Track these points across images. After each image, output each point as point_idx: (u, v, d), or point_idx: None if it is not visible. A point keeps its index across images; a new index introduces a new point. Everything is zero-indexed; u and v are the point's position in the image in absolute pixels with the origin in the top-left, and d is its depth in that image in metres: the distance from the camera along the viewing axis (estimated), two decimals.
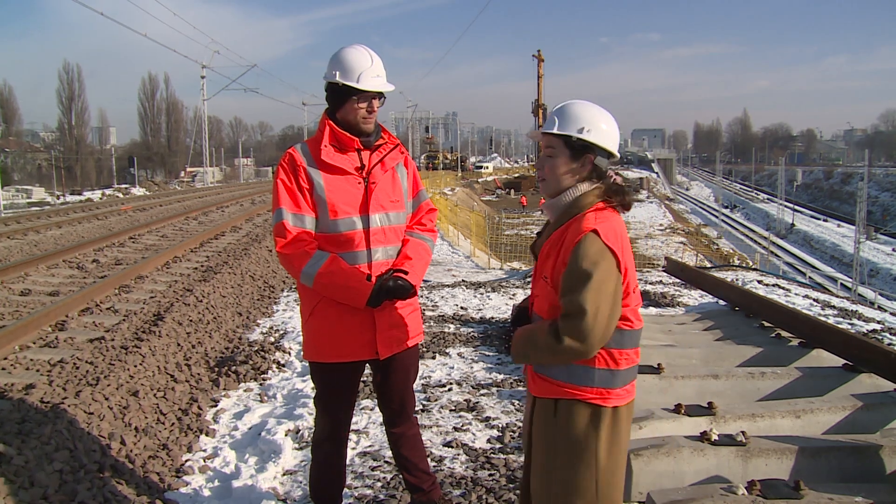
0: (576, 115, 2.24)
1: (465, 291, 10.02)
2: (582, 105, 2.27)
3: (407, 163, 3.13)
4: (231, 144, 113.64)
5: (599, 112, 2.28)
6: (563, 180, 2.25)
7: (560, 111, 2.27)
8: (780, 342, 5.89)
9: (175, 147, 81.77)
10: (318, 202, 2.87)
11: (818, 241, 53.41)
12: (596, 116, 2.26)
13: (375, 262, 2.92)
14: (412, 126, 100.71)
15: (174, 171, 75.63)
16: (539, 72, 78.54)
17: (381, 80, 2.87)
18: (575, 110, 2.25)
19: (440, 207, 27.06)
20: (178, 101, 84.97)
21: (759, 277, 11.41)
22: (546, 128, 2.26)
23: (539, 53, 78.26)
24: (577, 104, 2.27)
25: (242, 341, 6.97)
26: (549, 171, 2.27)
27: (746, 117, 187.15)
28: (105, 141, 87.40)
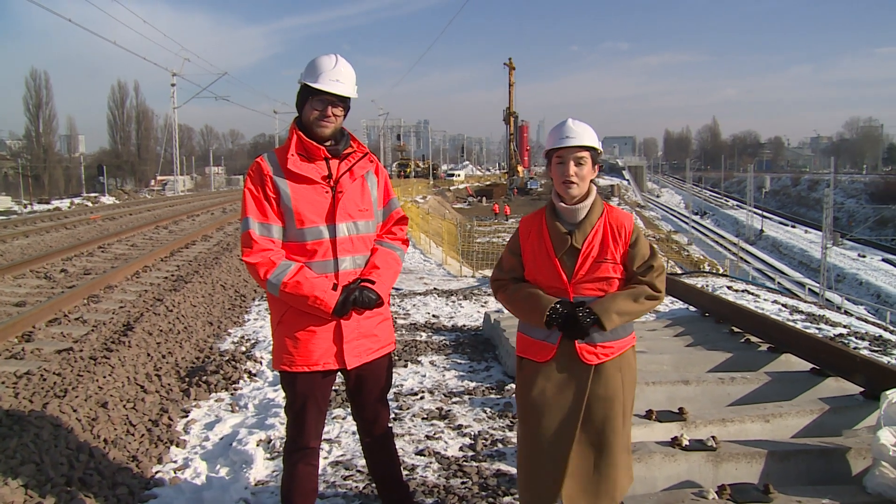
0: (591, 131, 2.80)
1: (437, 299, 10.01)
2: (583, 122, 2.81)
3: (378, 171, 3.11)
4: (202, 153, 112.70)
5: None
6: (589, 184, 2.81)
7: (581, 127, 2.78)
8: (749, 347, 5.95)
9: (145, 155, 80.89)
10: (284, 211, 2.86)
11: (786, 247, 54.19)
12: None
13: (343, 272, 2.91)
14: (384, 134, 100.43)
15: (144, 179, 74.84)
16: (510, 80, 79.04)
17: (340, 84, 2.85)
18: (588, 126, 2.80)
19: (412, 216, 27.02)
20: (149, 109, 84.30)
21: (729, 283, 11.53)
22: (578, 141, 2.75)
23: (510, 62, 78.78)
24: (581, 122, 2.81)
25: (213, 351, 6.88)
26: (582, 179, 2.78)
27: (716, 125, 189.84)
28: (74, 149, 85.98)
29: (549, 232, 2.83)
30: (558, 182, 2.81)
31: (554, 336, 2.78)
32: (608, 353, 2.79)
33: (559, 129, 2.80)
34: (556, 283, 2.79)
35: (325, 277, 2.86)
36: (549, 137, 2.86)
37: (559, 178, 2.80)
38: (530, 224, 2.93)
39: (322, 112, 2.87)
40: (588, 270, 2.78)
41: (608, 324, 2.70)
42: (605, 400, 2.76)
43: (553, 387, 2.79)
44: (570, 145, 2.75)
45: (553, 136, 2.82)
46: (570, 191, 2.78)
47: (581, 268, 2.78)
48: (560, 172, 2.79)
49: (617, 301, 2.74)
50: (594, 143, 2.79)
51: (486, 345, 7.02)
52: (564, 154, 2.77)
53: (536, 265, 2.84)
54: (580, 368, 2.77)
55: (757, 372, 5.12)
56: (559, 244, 2.80)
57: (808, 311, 9.14)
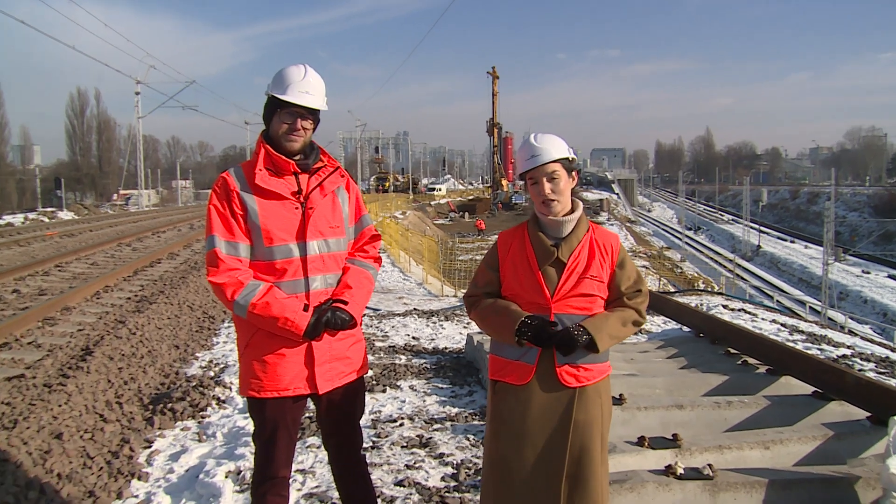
0: (558, 141, 2.83)
1: (417, 320, 9.99)
2: (547, 134, 2.86)
3: (349, 186, 3.12)
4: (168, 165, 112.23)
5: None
6: (569, 197, 2.84)
7: (545, 141, 2.81)
8: (746, 370, 5.96)
9: (107, 168, 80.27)
10: (252, 228, 2.85)
11: (785, 264, 54.41)
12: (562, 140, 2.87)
13: (314, 292, 2.90)
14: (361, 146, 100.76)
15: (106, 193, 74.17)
16: (494, 89, 79.54)
17: (310, 96, 2.86)
18: (553, 137, 2.84)
19: (391, 232, 27.04)
20: (111, 118, 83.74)
21: (725, 302, 11.60)
22: (545, 157, 2.78)
23: (494, 70, 79.33)
24: (545, 134, 2.85)
25: (179, 376, 6.81)
26: (560, 193, 2.80)
27: (709, 136, 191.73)
28: (28, 160, 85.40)
29: (532, 244, 2.84)
30: (537, 202, 2.83)
31: (531, 355, 2.75)
32: (590, 376, 2.78)
33: (525, 149, 2.84)
34: (537, 297, 2.78)
35: (296, 298, 2.85)
36: (518, 159, 2.90)
37: (538, 199, 2.82)
38: (511, 237, 2.93)
39: (291, 125, 2.87)
40: (573, 286, 2.78)
41: (601, 344, 2.70)
42: (584, 427, 2.74)
43: (534, 413, 2.76)
44: (538, 164, 2.78)
45: (520, 158, 2.86)
46: (551, 209, 2.81)
47: (566, 282, 2.78)
48: (536, 193, 2.82)
49: (609, 322, 2.76)
50: (562, 153, 2.81)
51: (468, 368, 7.00)
52: (536, 174, 2.80)
53: (517, 279, 2.83)
54: (562, 392, 2.75)
55: (755, 395, 5.13)
56: (543, 256, 2.80)
57: (809, 330, 9.20)
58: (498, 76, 79.30)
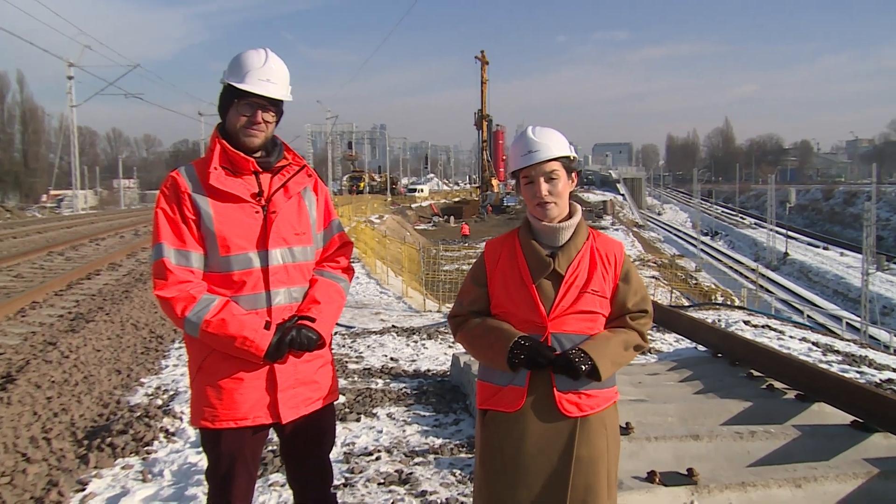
0: (558, 137, 2.84)
1: (395, 339, 9.99)
2: (546, 128, 2.87)
3: (316, 188, 3.13)
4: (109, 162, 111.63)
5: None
6: (567, 200, 2.86)
7: (545, 136, 2.82)
8: (772, 395, 5.96)
9: (34, 164, 79.64)
10: (206, 235, 2.85)
11: (818, 273, 54.40)
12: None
13: (276, 307, 2.90)
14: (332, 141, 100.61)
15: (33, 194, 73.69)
16: (483, 77, 79.78)
17: (271, 85, 2.87)
18: (553, 132, 2.85)
19: (366, 239, 27.02)
20: (38, 106, 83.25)
21: (747, 317, 11.62)
22: (544, 154, 2.79)
23: (483, 55, 79.57)
24: (544, 128, 2.86)
25: (121, 405, 6.77)
26: (558, 196, 2.81)
27: (728, 128, 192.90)
28: None
29: (524, 254, 2.83)
30: (532, 204, 2.83)
31: (521, 377, 2.75)
32: (593, 404, 2.77)
33: (520, 144, 2.84)
34: (531, 315, 2.77)
35: (256, 314, 2.85)
36: (511, 155, 2.90)
37: (532, 201, 2.82)
38: (500, 247, 2.93)
39: (250, 118, 2.88)
40: (572, 302, 2.78)
41: (604, 372, 2.69)
42: (588, 463, 2.73)
43: (529, 447, 2.74)
44: (535, 162, 2.79)
45: (515, 154, 2.86)
46: (547, 213, 2.81)
47: (563, 298, 2.77)
48: (531, 194, 2.82)
49: (611, 346, 2.76)
50: (564, 151, 2.82)
51: (454, 393, 7.01)
52: (532, 172, 2.80)
53: (508, 294, 2.82)
54: (561, 423, 2.74)
55: (783, 425, 5.08)
56: (538, 268, 2.80)
57: (846, 350, 9.17)
58: (487, 62, 79.55)
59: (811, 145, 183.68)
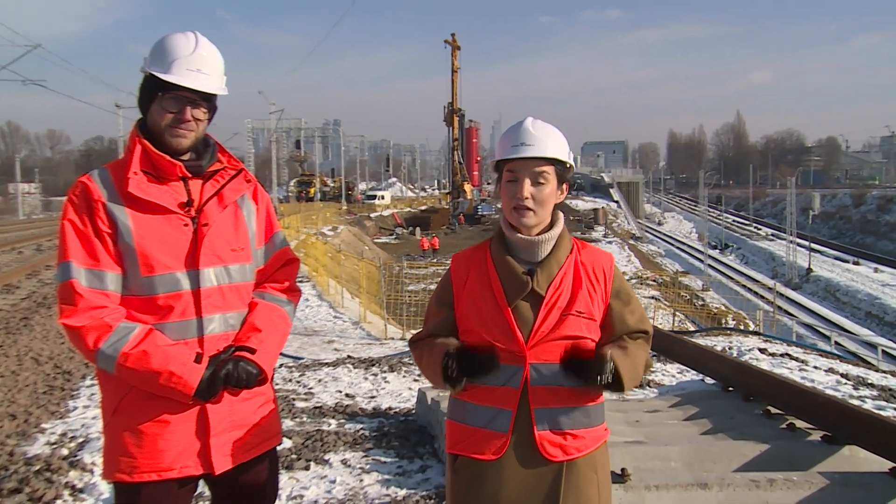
0: (559, 137, 2.85)
1: (351, 372, 9.99)
2: (548, 124, 2.87)
3: (256, 195, 3.13)
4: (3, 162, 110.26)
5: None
6: (549, 211, 2.86)
7: (544, 131, 2.83)
8: (794, 436, 5.96)
9: None
10: (124, 252, 2.82)
11: (847, 293, 54.31)
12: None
13: (209, 336, 2.89)
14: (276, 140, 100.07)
15: None
16: (453, 64, 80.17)
17: (202, 76, 2.86)
18: (554, 130, 2.86)
19: (317, 254, 26.94)
20: None
21: (763, 344, 11.71)
22: (538, 150, 2.78)
23: (453, 39, 79.98)
24: (546, 124, 2.87)
25: (15, 457, 6.67)
26: (542, 203, 2.81)
27: (740, 123, 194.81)
28: None
29: (497, 271, 2.83)
30: (508, 206, 2.82)
31: (502, 419, 2.75)
32: (580, 445, 2.78)
33: (513, 134, 2.83)
34: (507, 343, 2.76)
35: (185, 345, 2.83)
36: (500, 144, 2.88)
37: (510, 202, 2.81)
38: (468, 262, 2.93)
39: (177, 115, 2.87)
40: (554, 326, 2.78)
41: (629, 384, 2.71)
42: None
43: (508, 496, 2.75)
44: (526, 156, 2.78)
45: (504, 143, 2.85)
46: (523, 219, 2.80)
47: (544, 322, 2.77)
48: (511, 193, 2.81)
49: (629, 358, 2.76)
50: (561, 154, 2.83)
51: (420, 435, 7.00)
52: (519, 168, 2.80)
53: (479, 318, 2.82)
54: (544, 468, 2.74)
55: (808, 472, 5.07)
56: (513, 288, 2.80)
57: (882, 383, 9.21)
58: (459, 46, 79.95)
59: (838, 142, 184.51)
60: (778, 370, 9.03)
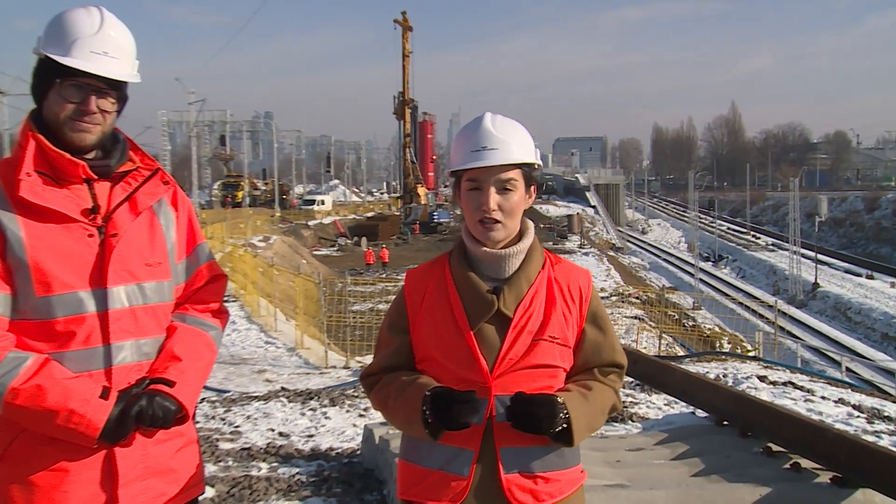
0: (524, 134, 2.87)
1: (286, 407, 9.98)
2: (510, 120, 2.88)
3: (176, 200, 3.10)
4: None
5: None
6: (519, 220, 2.87)
7: (506, 130, 2.82)
8: (799, 478, 6.00)
9: None
10: (14, 268, 2.76)
11: (859, 311, 54.84)
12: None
13: (119, 367, 2.84)
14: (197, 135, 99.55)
15: None
16: (405, 48, 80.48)
17: (109, 60, 2.82)
18: (518, 127, 2.87)
19: (246, 269, 26.87)
20: None
21: (762, 371, 11.84)
22: (503, 156, 2.76)
23: (404, 18, 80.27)
24: (508, 120, 2.88)
25: None
26: (510, 213, 2.81)
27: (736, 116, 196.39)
28: None
29: (459, 290, 2.82)
30: (472, 219, 2.81)
31: (462, 460, 2.73)
32: (553, 491, 2.78)
33: (471, 136, 2.81)
34: (469, 372, 2.74)
35: (89, 377, 2.78)
36: (457, 148, 2.85)
37: (473, 214, 2.79)
38: (424, 279, 2.92)
39: (80, 105, 2.82)
40: (523, 353, 2.76)
41: (579, 435, 2.70)
42: None
43: None
44: (489, 164, 2.76)
45: (462, 148, 2.82)
46: (491, 233, 2.80)
47: (512, 347, 2.76)
48: (474, 204, 2.79)
49: (589, 404, 2.78)
50: (528, 156, 2.84)
51: (366, 480, 7.00)
52: (482, 176, 2.78)
53: (437, 344, 2.80)
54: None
55: None
56: (477, 309, 2.78)
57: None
58: (411, 27, 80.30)
59: (848, 138, 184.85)
60: (780, 401, 9.10)
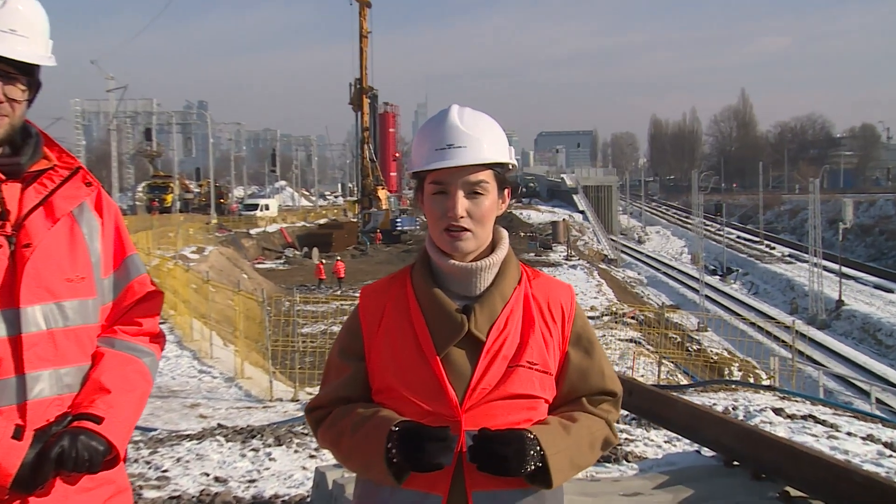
0: (495, 130, 2.88)
1: (223, 447, 9.96)
2: (479, 113, 2.89)
3: (100, 205, 3.10)
4: None
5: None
6: (491, 228, 2.88)
7: (475, 125, 2.81)
8: None
9: None
10: None
11: (891, 333, 54.54)
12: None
13: (35, 401, 2.82)
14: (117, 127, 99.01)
15: None
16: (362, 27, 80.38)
17: (17, 40, 2.80)
18: (488, 121, 2.88)
19: (176, 286, 26.74)
20: None
21: (778, 403, 11.87)
22: (472, 155, 2.75)
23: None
24: (477, 113, 2.88)
25: None
26: (481, 220, 2.80)
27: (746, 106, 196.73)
28: None
29: (423, 310, 2.79)
30: (437, 228, 2.78)
31: None
32: None
33: (436, 133, 2.79)
34: (435, 404, 2.72)
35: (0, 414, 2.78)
36: (419, 146, 2.85)
37: (439, 222, 2.77)
38: (382, 298, 2.90)
39: None
40: (498, 381, 2.74)
41: (557, 475, 2.65)
42: None
43: None
44: (457, 165, 2.74)
45: (425, 145, 2.81)
46: (459, 243, 2.77)
47: (485, 375, 2.73)
48: (440, 210, 2.76)
49: (572, 437, 2.75)
50: (500, 154, 2.83)
51: None
52: (448, 178, 2.76)
53: (398, 373, 2.76)
54: None
55: None
56: (444, 332, 2.76)
57: None
58: (369, 2, 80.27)
59: (876, 132, 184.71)
60: (799, 438, 9.13)
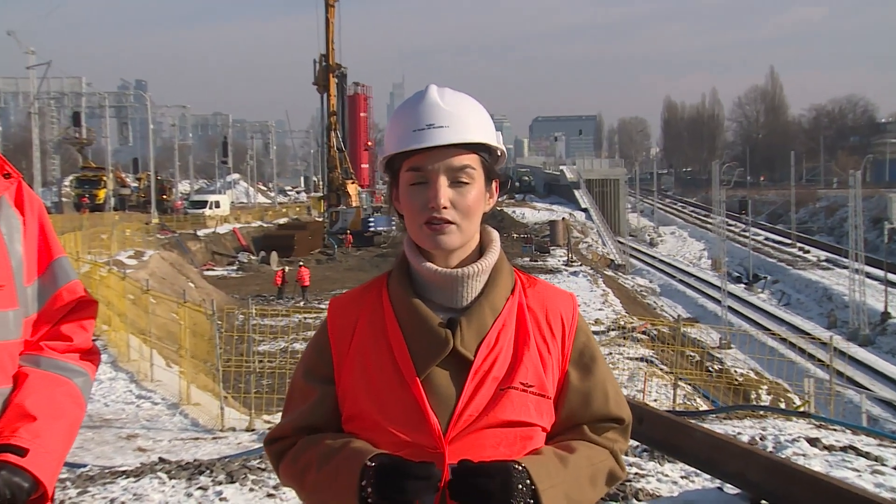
0: (480, 111, 2.85)
1: (166, 485, 9.94)
2: (462, 94, 2.87)
3: (21, 201, 3.11)
4: None
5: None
6: (478, 225, 2.84)
7: (455, 102, 2.78)
8: None
9: None
10: None
11: None
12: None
13: None
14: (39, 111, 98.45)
15: None
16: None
17: None
18: (471, 102, 2.85)
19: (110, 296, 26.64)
20: None
21: (815, 432, 11.88)
22: (454, 134, 2.71)
23: None
24: (460, 94, 2.85)
25: None
26: (467, 213, 2.74)
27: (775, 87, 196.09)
28: None
29: (401, 324, 2.75)
30: (416, 222, 2.72)
31: None
32: None
33: (413, 113, 2.75)
34: (414, 433, 2.66)
35: None
36: (394, 129, 2.80)
37: (418, 215, 2.71)
38: (355, 310, 2.87)
39: None
40: (486, 406, 2.70)
41: None
42: None
43: None
44: (436, 144, 2.69)
45: (401, 127, 2.76)
46: (442, 237, 2.70)
47: (473, 399, 2.69)
48: (421, 202, 2.71)
49: (569, 470, 2.69)
50: (486, 135, 2.80)
51: None
52: (428, 162, 2.70)
53: (372, 397, 2.72)
54: None
55: None
56: (426, 350, 2.71)
57: None
58: None
59: None
60: (838, 472, 9.13)
